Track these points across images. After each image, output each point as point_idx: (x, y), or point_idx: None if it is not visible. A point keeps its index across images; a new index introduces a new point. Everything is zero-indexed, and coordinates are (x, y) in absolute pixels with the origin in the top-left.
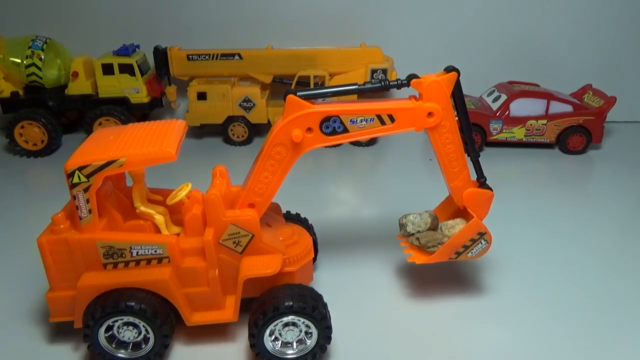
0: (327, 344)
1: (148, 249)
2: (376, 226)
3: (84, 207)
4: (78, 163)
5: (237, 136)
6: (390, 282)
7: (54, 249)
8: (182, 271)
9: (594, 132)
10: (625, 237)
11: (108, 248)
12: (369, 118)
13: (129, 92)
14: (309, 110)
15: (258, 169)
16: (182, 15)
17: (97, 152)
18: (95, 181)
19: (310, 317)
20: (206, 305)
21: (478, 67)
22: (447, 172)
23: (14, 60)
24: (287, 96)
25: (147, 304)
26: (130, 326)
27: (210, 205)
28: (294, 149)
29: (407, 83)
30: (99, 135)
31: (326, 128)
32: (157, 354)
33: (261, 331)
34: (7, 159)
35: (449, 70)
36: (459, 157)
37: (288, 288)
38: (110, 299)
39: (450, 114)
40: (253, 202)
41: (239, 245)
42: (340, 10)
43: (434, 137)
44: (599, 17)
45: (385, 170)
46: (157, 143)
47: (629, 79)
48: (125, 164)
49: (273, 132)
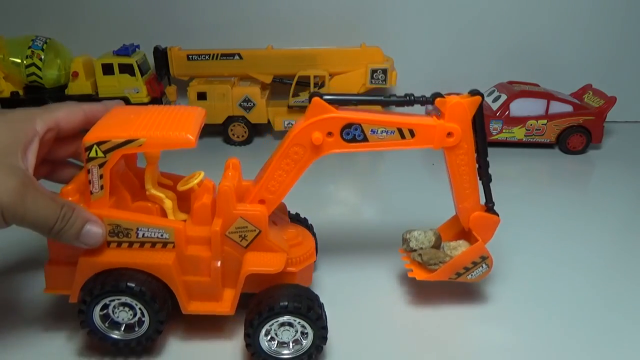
0: (323, 345)
1: (155, 232)
2: (376, 228)
3: (96, 182)
4: (98, 138)
5: (237, 136)
6: (388, 284)
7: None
8: (185, 258)
9: (594, 132)
10: (626, 236)
11: (115, 226)
12: (390, 130)
13: (129, 92)
14: (332, 114)
15: (274, 166)
16: (182, 15)
17: (118, 129)
18: (112, 158)
19: (305, 317)
20: (204, 295)
21: (478, 67)
22: (457, 192)
23: (14, 60)
24: (312, 98)
25: (147, 286)
26: (126, 307)
27: (223, 196)
28: (312, 151)
29: (432, 101)
30: (119, 112)
31: (346, 135)
32: (149, 338)
33: (257, 331)
34: None
35: (474, 93)
36: (471, 180)
37: (284, 288)
38: (111, 277)
39: (469, 136)
40: (264, 199)
41: (245, 239)
42: (340, 10)
43: (450, 157)
44: (599, 17)
45: (386, 171)
46: (177, 127)
47: (629, 79)
48: (145, 145)
49: (294, 132)
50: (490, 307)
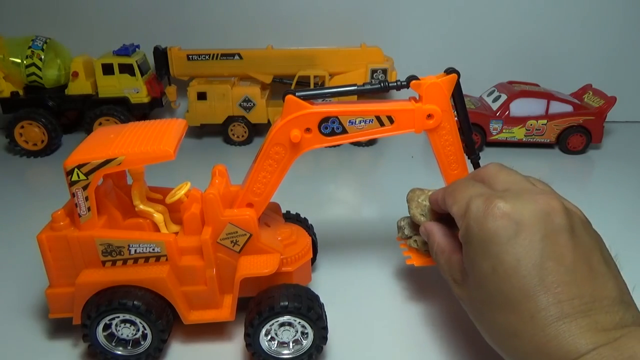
0: (323, 344)
1: (146, 247)
2: (376, 227)
3: (83, 205)
4: (77, 161)
5: (237, 136)
6: (388, 283)
7: (54, 246)
8: (180, 270)
9: (594, 132)
10: (626, 236)
11: (107, 245)
12: (368, 119)
13: (129, 92)
14: (307, 110)
15: (257, 168)
16: (182, 15)
17: (97, 150)
18: (94, 179)
19: (305, 317)
20: (203, 303)
21: (478, 67)
22: (446, 174)
23: (14, 60)
24: (286, 96)
25: (141, 300)
26: (127, 324)
27: (209, 204)
28: (292, 149)
29: (407, 84)
30: (100, 133)
31: (325, 129)
32: (156, 349)
33: (257, 331)
34: (7, 159)
35: (449, 71)
36: (458, 159)
37: (284, 288)
38: (104, 297)
39: (450, 115)
40: (251, 202)
41: (237, 244)
42: (340, 10)
43: (434, 139)
44: (599, 17)
45: (385, 170)
46: (155, 142)
47: (629, 79)
48: (124, 162)
49: (272, 132)
50: None
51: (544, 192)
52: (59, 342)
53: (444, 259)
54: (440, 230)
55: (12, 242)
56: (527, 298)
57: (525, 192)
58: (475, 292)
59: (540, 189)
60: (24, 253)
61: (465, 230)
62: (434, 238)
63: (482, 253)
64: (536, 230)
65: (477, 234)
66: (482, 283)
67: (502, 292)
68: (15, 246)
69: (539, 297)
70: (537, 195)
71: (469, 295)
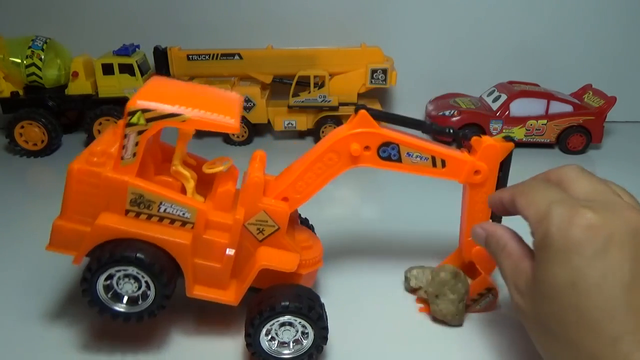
0: (324, 345)
1: (178, 209)
2: (376, 227)
3: (130, 149)
4: (144, 105)
5: (237, 136)
6: (389, 284)
7: (83, 179)
8: (200, 241)
9: (594, 132)
10: None
11: (138, 196)
12: (425, 156)
13: (129, 92)
14: (375, 130)
15: (306, 168)
16: (182, 15)
17: (165, 100)
18: (153, 127)
19: (306, 317)
20: (211, 281)
21: (478, 67)
22: (468, 227)
23: (14, 60)
24: (359, 110)
25: (157, 260)
26: (131, 279)
27: (251, 187)
28: (346, 161)
29: (469, 138)
30: (162, 83)
31: (383, 152)
32: (151, 312)
33: (257, 331)
34: (7, 159)
35: (507, 139)
36: (484, 218)
37: (286, 288)
38: (120, 246)
39: (494, 177)
40: (288, 197)
41: (262, 233)
42: (340, 10)
43: (472, 193)
44: (599, 17)
45: (374, 172)
46: (221, 110)
47: (629, 79)
48: (188, 121)
49: (334, 138)
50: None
51: (633, 207)
52: (59, 342)
53: (510, 264)
54: (507, 232)
55: (12, 242)
56: (611, 319)
57: (613, 205)
58: (543, 305)
59: (627, 202)
60: (24, 253)
61: (544, 236)
62: (502, 239)
63: (562, 264)
64: (627, 249)
65: (558, 241)
66: (556, 296)
67: (579, 309)
68: (15, 246)
69: (625, 321)
70: (627, 210)
71: (533, 309)
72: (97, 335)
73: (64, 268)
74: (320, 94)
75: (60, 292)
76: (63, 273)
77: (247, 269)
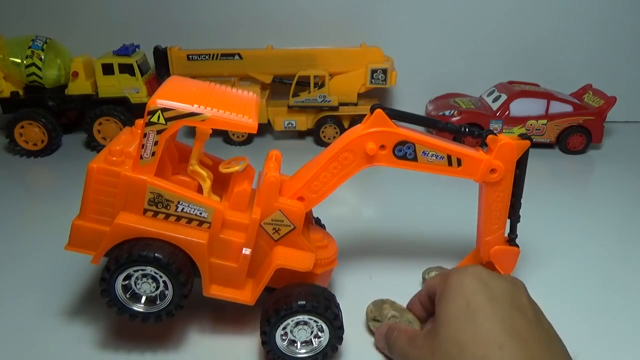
0: (339, 344)
1: (195, 209)
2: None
3: (149, 148)
4: (164, 104)
5: (237, 136)
6: (400, 283)
7: (102, 178)
8: (217, 241)
9: (594, 132)
10: (626, 236)
11: (156, 195)
12: (440, 155)
13: (129, 92)
14: (391, 129)
15: (321, 167)
16: (182, 15)
17: (185, 100)
18: (172, 127)
19: (322, 316)
20: (227, 281)
21: (478, 67)
22: (486, 226)
23: (14, 60)
24: (375, 109)
25: (174, 259)
26: (149, 279)
27: (267, 186)
28: (362, 160)
29: (484, 137)
30: (179, 83)
31: (398, 151)
32: (169, 312)
33: (273, 329)
34: (7, 159)
35: (524, 137)
36: (501, 217)
37: (302, 287)
38: (138, 246)
39: (510, 175)
40: (304, 197)
41: (277, 232)
42: (340, 10)
43: (488, 192)
44: (599, 17)
45: (387, 170)
46: (240, 110)
47: (629, 79)
48: (208, 121)
49: (349, 137)
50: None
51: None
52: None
53: (405, 336)
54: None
55: (12, 242)
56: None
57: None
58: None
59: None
60: (24, 253)
61: (445, 286)
62: (393, 326)
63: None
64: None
65: (454, 283)
66: (453, 320)
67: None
68: (15, 246)
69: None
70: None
71: (432, 346)
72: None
73: (64, 268)
74: (320, 94)
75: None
76: (63, 273)
77: (263, 269)
